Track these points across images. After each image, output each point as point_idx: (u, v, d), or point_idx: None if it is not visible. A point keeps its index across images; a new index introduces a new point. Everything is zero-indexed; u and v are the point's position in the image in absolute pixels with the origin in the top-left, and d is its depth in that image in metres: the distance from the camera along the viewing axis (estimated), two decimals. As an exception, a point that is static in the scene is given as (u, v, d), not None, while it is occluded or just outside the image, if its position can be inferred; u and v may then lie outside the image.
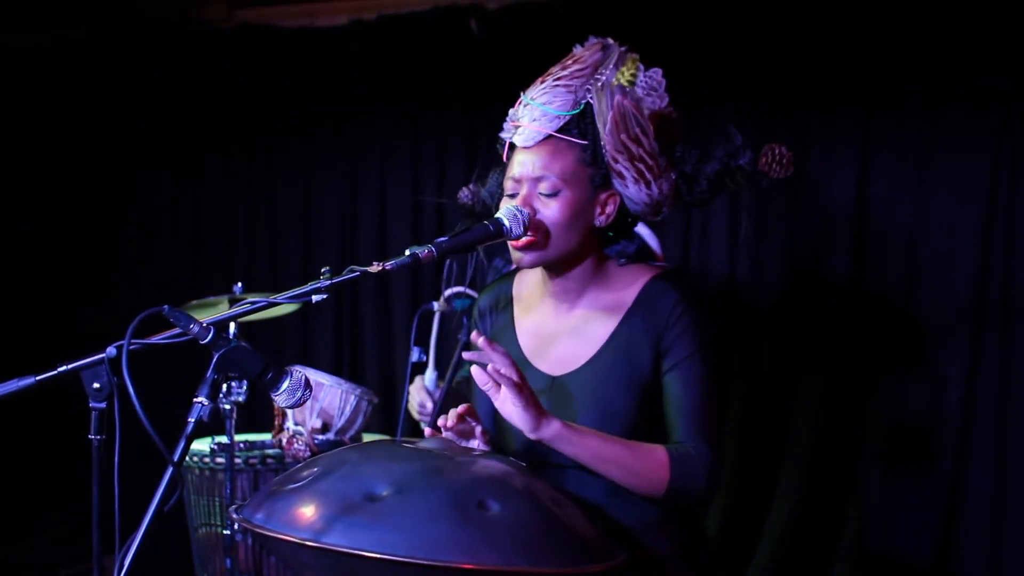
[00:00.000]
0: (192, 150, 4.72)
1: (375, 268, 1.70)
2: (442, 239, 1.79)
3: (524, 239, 1.87)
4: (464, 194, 2.11)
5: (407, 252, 1.75)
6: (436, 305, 3.22)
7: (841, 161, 3.75)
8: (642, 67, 1.95)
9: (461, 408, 1.88)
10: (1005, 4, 3.50)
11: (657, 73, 1.95)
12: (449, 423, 1.86)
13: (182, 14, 4.67)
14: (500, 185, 2.01)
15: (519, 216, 1.86)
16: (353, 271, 1.69)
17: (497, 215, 1.87)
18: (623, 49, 1.97)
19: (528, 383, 1.78)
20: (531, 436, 1.78)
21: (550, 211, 1.88)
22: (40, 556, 4.60)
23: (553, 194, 1.88)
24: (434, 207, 4.40)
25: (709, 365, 1.89)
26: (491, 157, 3.71)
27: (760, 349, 3.86)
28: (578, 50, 1.98)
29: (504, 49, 4.13)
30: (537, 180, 1.89)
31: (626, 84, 1.91)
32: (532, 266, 1.93)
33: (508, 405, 1.77)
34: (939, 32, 3.58)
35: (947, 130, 3.63)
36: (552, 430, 1.78)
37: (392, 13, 4.37)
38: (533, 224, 1.87)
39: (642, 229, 3.05)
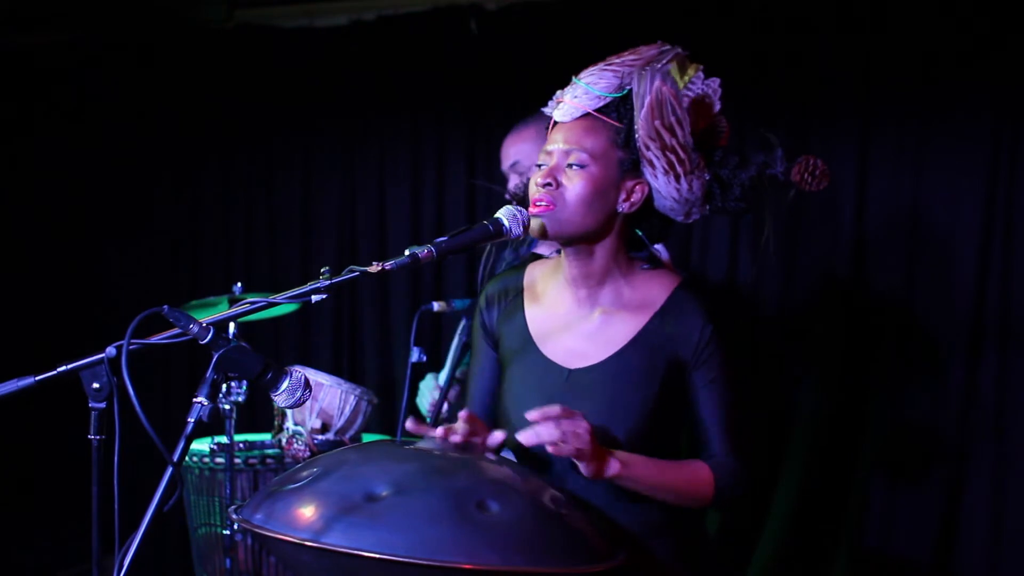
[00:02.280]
0: (191, 150, 4.73)
1: (374, 268, 1.70)
2: (441, 239, 1.79)
3: (541, 207, 1.87)
4: (512, 187, 2.12)
5: (406, 252, 1.75)
6: (436, 305, 3.22)
7: (841, 161, 3.75)
8: (702, 75, 1.95)
9: (463, 417, 1.84)
10: (1004, 4, 3.50)
11: (715, 82, 1.96)
12: (459, 437, 1.80)
13: (182, 14, 4.67)
14: None
15: (518, 216, 1.86)
16: (352, 271, 1.69)
17: (496, 215, 1.86)
18: (685, 53, 1.96)
19: (592, 434, 1.75)
20: (592, 479, 1.79)
21: (573, 184, 1.88)
22: (40, 556, 4.60)
23: (579, 167, 1.89)
24: (434, 206, 4.39)
25: (736, 379, 1.94)
26: (492, 156, 3.71)
27: (760, 350, 3.86)
28: (641, 48, 1.98)
29: (504, 49, 4.13)
30: (567, 153, 1.90)
31: (675, 77, 1.91)
32: (544, 234, 1.90)
33: (575, 457, 1.76)
34: (938, 32, 3.59)
35: (946, 131, 3.63)
36: (612, 471, 1.79)
37: (391, 13, 4.36)
38: (552, 194, 1.88)
39: None
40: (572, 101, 1.92)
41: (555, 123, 1.96)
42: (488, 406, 2.07)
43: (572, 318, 1.99)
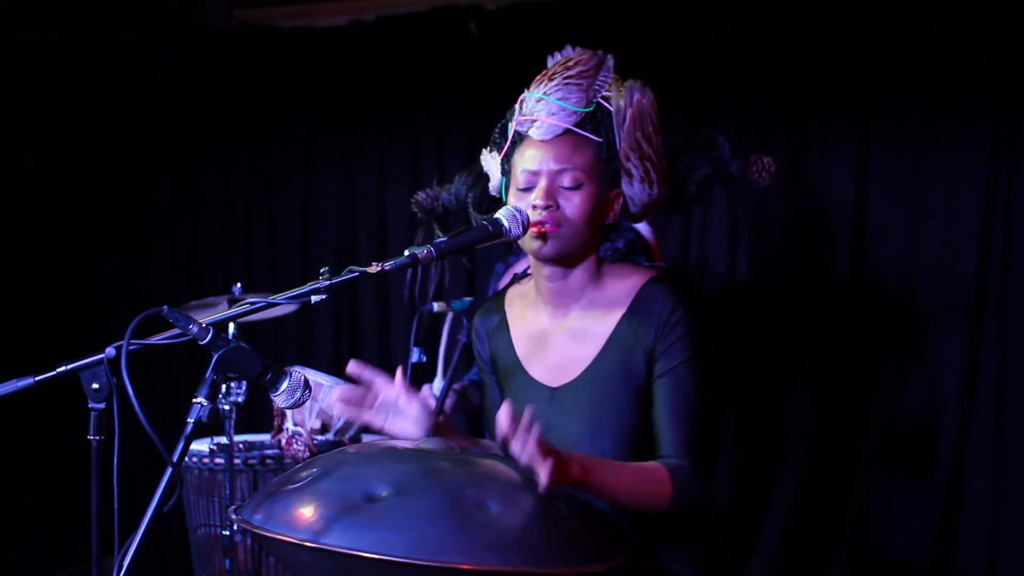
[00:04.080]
0: (191, 150, 4.72)
1: (374, 268, 1.70)
2: (441, 239, 1.80)
3: (547, 227, 1.86)
4: (421, 196, 2.09)
5: (406, 252, 1.75)
6: (436, 306, 3.21)
7: (840, 161, 3.76)
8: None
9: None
10: (1005, 4, 3.50)
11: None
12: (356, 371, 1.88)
13: (181, 15, 4.67)
14: (470, 187, 2.01)
15: (518, 216, 1.86)
16: (352, 271, 1.69)
17: (496, 215, 1.87)
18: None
19: (547, 442, 1.65)
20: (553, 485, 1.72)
21: (573, 205, 1.87)
22: (39, 556, 4.59)
23: (575, 187, 1.87)
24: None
25: (699, 375, 1.89)
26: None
27: (759, 349, 3.86)
28: (569, 52, 1.97)
29: (503, 50, 4.13)
30: (559, 173, 1.87)
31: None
32: (550, 257, 1.89)
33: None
34: (938, 31, 3.59)
35: (945, 130, 3.64)
36: (573, 476, 1.70)
37: (391, 14, 4.36)
38: (556, 216, 1.86)
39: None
40: (550, 118, 1.89)
41: (525, 141, 1.92)
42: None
43: (549, 334, 1.99)
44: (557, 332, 1.98)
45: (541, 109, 1.91)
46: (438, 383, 3.16)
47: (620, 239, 2.03)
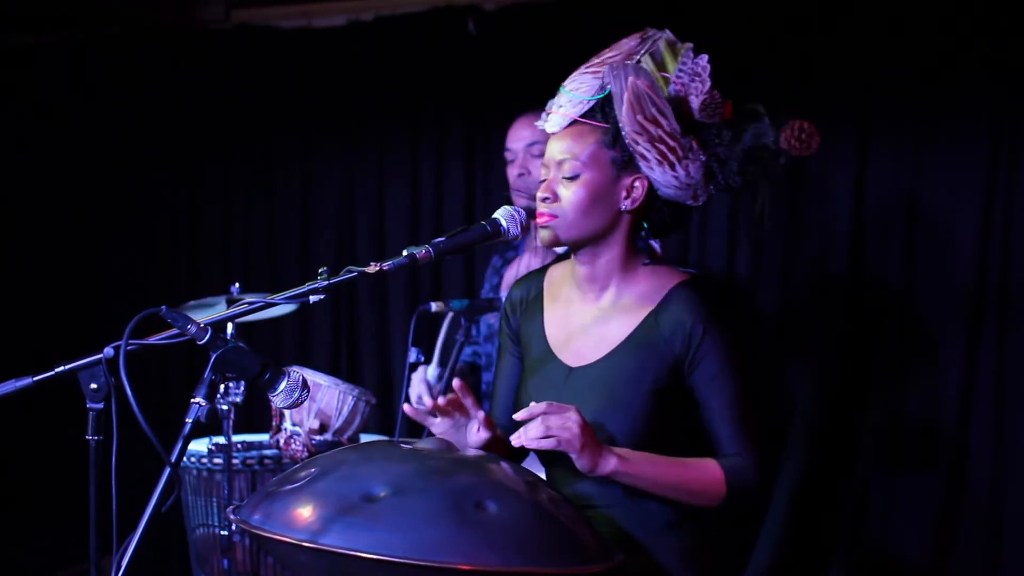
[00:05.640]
0: (190, 151, 4.72)
1: (373, 269, 1.71)
2: (440, 239, 1.80)
3: (545, 217, 1.91)
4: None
5: (405, 253, 1.76)
6: (434, 306, 3.22)
7: (840, 161, 3.75)
8: (690, 53, 1.98)
9: (456, 386, 1.91)
10: (1005, 3, 3.50)
11: (703, 59, 1.98)
12: (444, 400, 1.91)
13: (180, 15, 4.67)
14: None
15: (516, 216, 1.88)
16: (351, 272, 1.69)
17: (495, 215, 1.88)
18: (663, 36, 1.99)
19: (585, 425, 1.78)
20: (589, 475, 1.80)
21: (569, 193, 1.91)
22: (40, 556, 4.59)
23: (573, 177, 1.91)
24: (432, 204, 4.39)
25: (740, 374, 1.94)
26: (490, 156, 3.68)
27: (758, 349, 3.85)
28: (622, 41, 2.01)
29: (502, 50, 4.13)
30: (560, 164, 1.93)
31: (652, 67, 1.93)
32: (551, 245, 1.95)
33: (565, 450, 1.78)
34: (937, 30, 3.59)
35: (945, 129, 3.63)
36: (609, 467, 1.80)
37: (389, 14, 4.36)
38: (552, 208, 1.92)
39: None
40: (558, 111, 1.95)
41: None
42: (511, 407, 2.08)
43: (579, 318, 2.01)
44: (584, 315, 2.00)
45: (556, 101, 1.97)
46: (432, 369, 3.18)
47: (642, 244, 2.03)
